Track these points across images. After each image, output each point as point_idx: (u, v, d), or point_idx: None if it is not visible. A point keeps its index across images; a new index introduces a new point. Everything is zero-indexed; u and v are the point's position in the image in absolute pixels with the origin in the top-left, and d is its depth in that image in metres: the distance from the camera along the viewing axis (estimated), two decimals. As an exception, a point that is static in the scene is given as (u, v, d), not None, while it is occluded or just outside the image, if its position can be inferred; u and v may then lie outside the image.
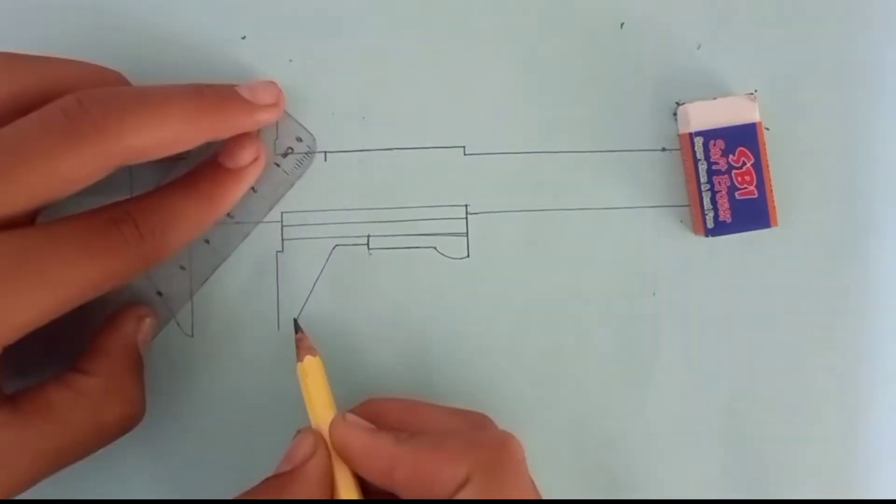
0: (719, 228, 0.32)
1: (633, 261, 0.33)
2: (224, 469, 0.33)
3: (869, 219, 0.33)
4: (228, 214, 0.32)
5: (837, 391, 0.33)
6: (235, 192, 0.31)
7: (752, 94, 0.32)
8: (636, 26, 0.33)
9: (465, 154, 0.33)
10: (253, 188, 0.32)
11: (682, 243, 0.33)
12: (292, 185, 0.33)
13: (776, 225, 0.32)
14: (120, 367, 0.29)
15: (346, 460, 0.28)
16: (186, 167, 0.32)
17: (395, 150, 0.33)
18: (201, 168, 0.31)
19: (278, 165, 0.33)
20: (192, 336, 0.33)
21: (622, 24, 0.33)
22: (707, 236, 0.32)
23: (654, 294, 0.33)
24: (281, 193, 0.33)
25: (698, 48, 0.33)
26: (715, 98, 0.32)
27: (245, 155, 0.31)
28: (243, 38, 0.33)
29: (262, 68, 0.33)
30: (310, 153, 0.33)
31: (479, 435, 0.27)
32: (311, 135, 0.33)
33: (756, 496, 0.33)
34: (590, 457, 0.33)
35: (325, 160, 0.33)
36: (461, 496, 0.25)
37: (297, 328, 0.32)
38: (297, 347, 0.31)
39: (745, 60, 0.33)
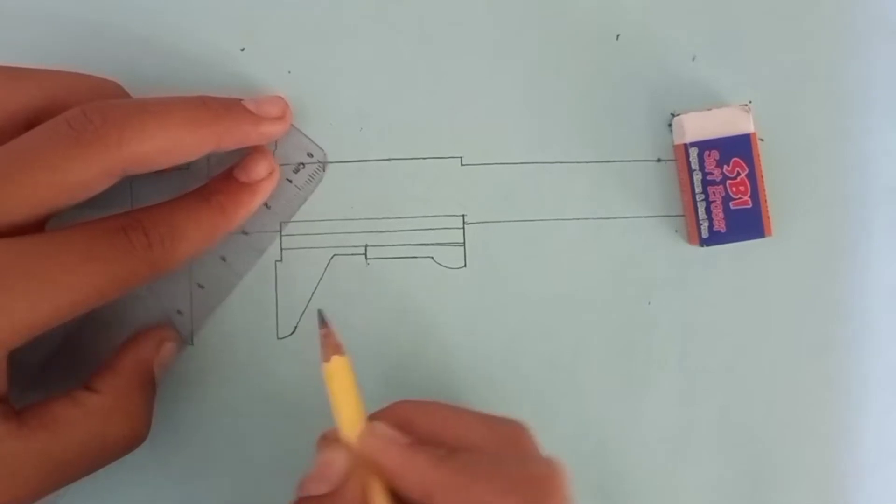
0: (714, 238, 0.32)
1: (629, 270, 0.33)
2: (223, 476, 0.33)
3: (862, 228, 0.34)
4: (243, 231, 0.32)
5: (832, 399, 0.34)
6: (249, 205, 0.31)
7: (746, 105, 0.32)
8: (632, 38, 0.33)
9: (462, 164, 0.33)
10: (266, 204, 0.32)
11: (677, 253, 0.34)
12: (305, 199, 0.33)
13: (770, 235, 0.32)
14: (128, 387, 0.29)
15: (381, 474, 0.26)
16: (193, 182, 0.32)
17: (392, 161, 0.33)
18: (215, 181, 0.32)
19: (290, 181, 0.33)
20: (192, 344, 0.33)
21: (618, 36, 0.33)
22: (702, 246, 0.32)
23: (649, 303, 0.34)
24: (294, 209, 0.33)
25: (693, 59, 0.33)
26: (710, 109, 0.32)
27: (259, 169, 0.31)
28: (242, 49, 0.33)
29: (260, 80, 0.33)
30: (321, 167, 0.33)
31: (526, 467, 0.26)
32: (322, 150, 0.33)
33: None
34: (586, 465, 0.33)
35: (324, 170, 0.33)
36: None
37: (322, 321, 0.28)
38: (323, 344, 0.27)
39: (740, 72, 0.33)
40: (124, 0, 0.33)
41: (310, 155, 0.33)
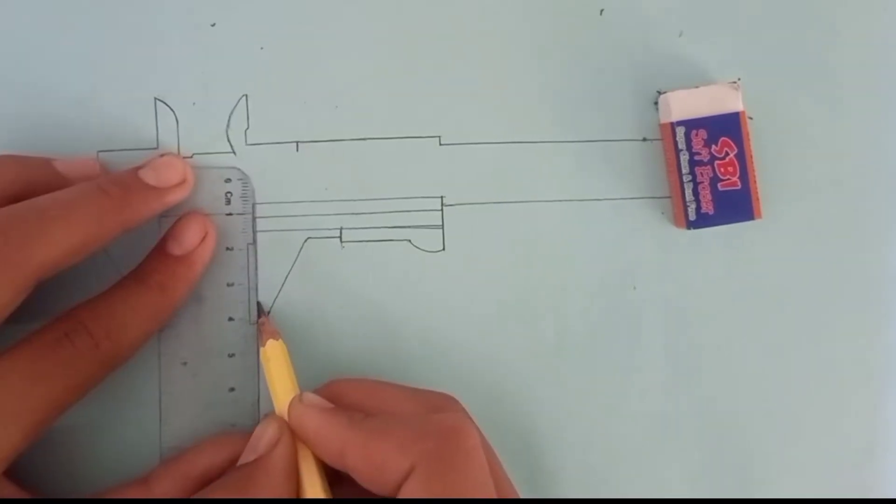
0: (701, 220, 0.31)
1: (613, 254, 0.33)
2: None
3: (855, 210, 0.33)
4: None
5: (821, 386, 0.33)
6: (189, 278, 0.31)
7: (735, 82, 0.31)
8: (616, 12, 0.33)
9: (440, 144, 0.33)
10: (228, 247, 0.32)
11: (664, 236, 0.33)
12: (255, 218, 0.32)
13: (760, 217, 0.31)
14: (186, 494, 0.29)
15: (304, 442, 0.28)
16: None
17: (368, 140, 0.33)
18: (150, 258, 0.31)
19: (230, 214, 0.32)
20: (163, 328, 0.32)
21: (602, 11, 0.33)
22: (689, 229, 0.31)
23: (634, 288, 0.33)
24: (252, 233, 0.32)
25: (680, 35, 0.33)
26: (697, 86, 0.31)
27: (191, 236, 0.31)
28: (213, 25, 0.32)
29: (231, 56, 0.32)
30: (245, 179, 0.32)
31: (428, 421, 0.27)
32: (233, 166, 0.32)
33: (737, 494, 0.33)
34: (569, 453, 0.33)
35: (297, 150, 0.33)
36: (405, 487, 0.25)
37: (260, 311, 0.32)
38: (259, 331, 0.30)
39: (729, 48, 0.33)
40: (91, -27, 0.32)
41: (228, 180, 0.32)
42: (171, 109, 0.32)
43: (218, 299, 0.32)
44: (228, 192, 0.32)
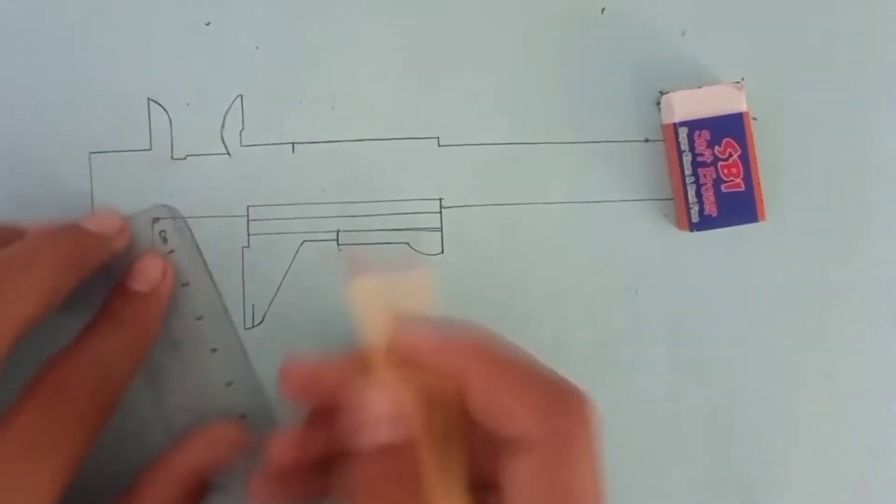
0: (704, 223, 0.31)
1: (615, 257, 0.33)
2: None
3: (859, 212, 0.33)
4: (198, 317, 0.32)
5: (826, 392, 0.33)
6: (158, 313, 0.30)
7: (738, 82, 0.31)
8: (618, 11, 0.32)
9: (439, 145, 0.32)
10: (183, 283, 0.31)
11: (666, 238, 0.33)
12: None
13: (764, 219, 0.31)
14: (171, 496, 0.29)
15: (414, 356, 0.26)
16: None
17: (365, 141, 0.32)
18: (119, 300, 0.30)
19: (172, 252, 0.31)
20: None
21: (603, 10, 0.33)
22: (692, 231, 0.31)
23: (636, 291, 0.33)
24: (200, 260, 0.32)
25: (683, 34, 0.33)
26: (700, 87, 0.31)
27: (152, 272, 0.30)
28: (208, 24, 0.32)
29: (226, 55, 0.32)
30: (178, 218, 0.31)
31: (557, 382, 0.25)
32: (160, 204, 0.32)
33: (741, 501, 0.32)
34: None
35: (293, 151, 0.32)
36: (520, 464, 0.24)
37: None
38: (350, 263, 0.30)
39: (732, 47, 0.32)
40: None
41: (156, 220, 0.31)
42: (165, 110, 0.32)
43: (189, 333, 0.32)
44: (161, 231, 0.31)
